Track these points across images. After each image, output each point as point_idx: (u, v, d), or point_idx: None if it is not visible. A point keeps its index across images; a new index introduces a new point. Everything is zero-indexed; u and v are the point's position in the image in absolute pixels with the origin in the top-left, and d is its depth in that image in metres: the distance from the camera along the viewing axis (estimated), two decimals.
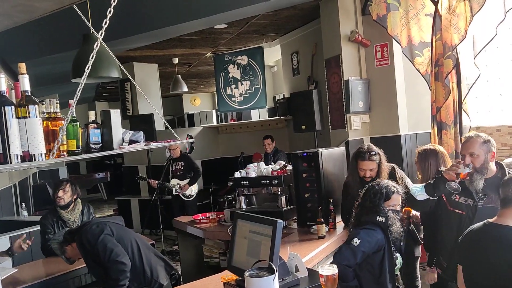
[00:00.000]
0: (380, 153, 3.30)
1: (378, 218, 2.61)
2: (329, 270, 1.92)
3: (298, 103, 6.11)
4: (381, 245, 2.58)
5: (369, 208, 2.68)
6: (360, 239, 2.52)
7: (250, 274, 1.76)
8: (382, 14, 4.88)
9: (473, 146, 2.56)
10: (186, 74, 10.38)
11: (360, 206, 2.77)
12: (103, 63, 2.99)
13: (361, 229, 2.61)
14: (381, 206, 2.65)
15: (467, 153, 2.56)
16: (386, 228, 2.60)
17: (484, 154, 2.55)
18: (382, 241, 2.58)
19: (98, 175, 12.45)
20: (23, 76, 1.61)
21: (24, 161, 1.46)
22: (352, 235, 2.62)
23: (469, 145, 2.57)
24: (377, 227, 2.61)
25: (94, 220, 3.24)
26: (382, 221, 2.60)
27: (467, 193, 2.61)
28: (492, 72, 4.35)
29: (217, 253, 4.03)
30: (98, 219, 3.23)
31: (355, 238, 2.53)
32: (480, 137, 2.59)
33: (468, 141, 2.61)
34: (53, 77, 7.21)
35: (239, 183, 3.85)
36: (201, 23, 5.26)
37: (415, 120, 5.06)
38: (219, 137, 9.15)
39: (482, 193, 2.56)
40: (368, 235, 2.56)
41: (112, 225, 3.04)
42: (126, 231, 3.15)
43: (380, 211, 2.64)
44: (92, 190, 13.30)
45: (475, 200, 2.55)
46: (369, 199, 2.71)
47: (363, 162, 3.26)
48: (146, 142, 2.63)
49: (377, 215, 2.63)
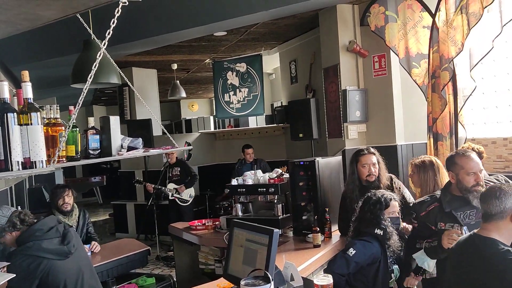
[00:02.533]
0: (377, 153, 3.33)
1: (377, 230, 2.62)
2: (324, 280, 1.94)
3: (296, 111, 6.14)
4: (376, 258, 2.59)
5: (369, 220, 2.68)
6: (355, 250, 2.54)
7: (246, 283, 1.77)
8: (380, 25, 4.93)
9: (479, 163, 2.58)
10: (185, 79, 10.41)
11: (360, 219, 2.77)
12: (103, 70, 3.01)
13: (358, 240, 2.62)
14: (381, 216, 2.65)
15: (479, 171, 2.55)
16: (384, 241, 2.61)
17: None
18: (378, 254, 2.60)
19: (94, 179, 12.44)
20: (26, 83, 1.63)
21: (25, 168, 1.48)
22: (348, 244, 2.64)
23: (477, 162, 2.57)
24: (374, 239, 2.62)
25: (37, 248, 2.41)
26: (380, 234, 2.61)
27: (451, 218, 2.62)
28: (488, 85, 4.40)
29: (212, 260, 4.03)
30: (43, 248, 2.40)
31: (351, 248, 2.55)
32: (474, 152, 2.62)
33: (473, 159, 2.58)
34: (51, 81, 7.21)
35: (236, 190, 3.87)
36: (201, 30, 5.29)
37: (412, 131, 5.10)
38: (216, 143, 9.17)
39: (470, 209, 2.58)
40: (364, 247, 2.57)
41: (52, 263, 2.40)
42: (66, 270, 2.47)
43: (380, 223, 2.64)
44: (87, 194, 13.27)
45: (461, 224, 2.56)
46: (369, 210, 2.70)
47: (364, 157, 3.26)
48: (145, 149, 2.65)
49: (375, 228, 2.63)
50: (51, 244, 2.44)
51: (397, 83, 5.11)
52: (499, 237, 2.08)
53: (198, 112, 14.56)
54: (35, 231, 2.43)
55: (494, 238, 2.08)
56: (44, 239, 2.43)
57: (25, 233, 2.43)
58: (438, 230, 2.65)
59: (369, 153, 3.28)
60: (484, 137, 4.44)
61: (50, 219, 2.58)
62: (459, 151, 2.68)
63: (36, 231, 2.43)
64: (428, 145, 4.54)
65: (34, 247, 2.38)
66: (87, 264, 2.68)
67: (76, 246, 2.57)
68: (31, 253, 2.37)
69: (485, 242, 2.10)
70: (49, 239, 2.45)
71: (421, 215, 2.76)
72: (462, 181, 2.57)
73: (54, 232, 2.49)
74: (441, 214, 2.65)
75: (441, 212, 2.65)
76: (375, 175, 3.24)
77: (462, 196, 2.59)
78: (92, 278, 2.67)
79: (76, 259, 2.55)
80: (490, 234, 2.11)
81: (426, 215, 2.73)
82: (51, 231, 2.48)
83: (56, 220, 2.61)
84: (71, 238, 2.53)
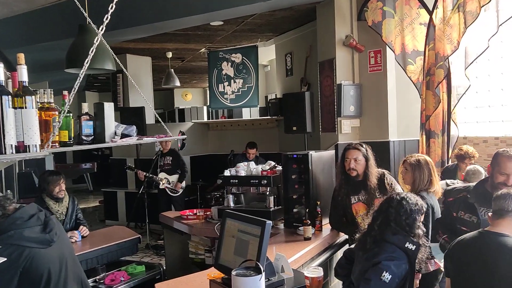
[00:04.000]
0: (369, 150, 3.32)
1: (408, 245, 2.25)
2: (315, 273, 1.95)
3: (290, 104, 6.14)
4: (405, 275, 2.27)
5: (402, 227, 2.29)
6: (391, 274, 2.18)
7: (237, 273, 1.78)
8: (378, 20, 4.93)
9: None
10: (179, 68, 10.35)
11: (392, 221, 2.33)
12: (98, 55, 2.98)
13: (391, 261, 2.23)
14: (416, 225, 2.31)
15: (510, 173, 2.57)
16: (415, 257, 2.27)
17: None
18: (406, 270, 2.26)
19: (84, 165, 12.36)
20: (22, 66, 1.61)
21: (18, 152, 1.46)
22: (382, 267, 2.22)
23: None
24: (404, 255, 2.25)
25: (18, 237, 2.35)
26: (411, 249, 2.25)
27: (472, 210, 2.67)
28: (482, 84, 4.43)
29: (202, 250, 4.03)
30: (27, 236, 2.36)
31: (386, 272, 2.18)
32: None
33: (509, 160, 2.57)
34: (43, 64, 7.13)
35: (229, 181, 3.87)
36: (197, 19, 5.26)
37: (405, 127, 5.12)
38: (209, 134, 9.15)
39: (487, 207, 2.57)
40: (398, 268, 2.22)
41: (34, 252, 2.35)
42: (49, 258, 2.42)
43: (412, 233, 2.30)
44: (78, 181, 13.20)
45: (479, 217, 2.60)
46: (406, 214, 2.30)
47: (349, 151, 3.27)
48: (138, 137, 2.63)
49: (407, 241, 2.26)
50: (33, 233, 2.40)
51: (392, 79, 5.12)
52: (511, 233, 2.14)
53: (192, 101, 14.49)
54: (15, 220, 2.39)
55: (507, 233, 2.14)
56: (25, 227, 2.38)
57: (5, 222, 2.39)
58: (457, 218, 2.72)
59: (354, 148, 3.28)
60: (476, 135, 4.48)
61: (30, 207, 2.53)
62: (505, 150, 2.63)
63: (17, 220, 2.39)
64: (420, 142, 4.58)
65: (15, 236, 2.33)
66: (70, 252, 2.65)
67: (59, 233, 2.53)
68: (13, 242, 2.33)
69: (497, 237, 2.14)
70: (30, 228, 2.40)
71: (448, 200, 2.81)
72: (493, 176, 2.63)
73: (35, 220, 2.45)
74: (465, 203, 2.71)
75: (466, 201, 2.71)
76: (356, 171, 3.24)
77: (491, 193, 2.62)
78: (75, 266, 2.65)
79: (59, 247, 2.52)
80: (503, 230, 2.16)
81: (452, 201, 2.79)
82: (32, 219, 2.43)
83: (37, 207, 2.56)
84: (53, 226, 2.50)
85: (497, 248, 2.14)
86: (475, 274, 2.20)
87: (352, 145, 3.35)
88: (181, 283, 2.50)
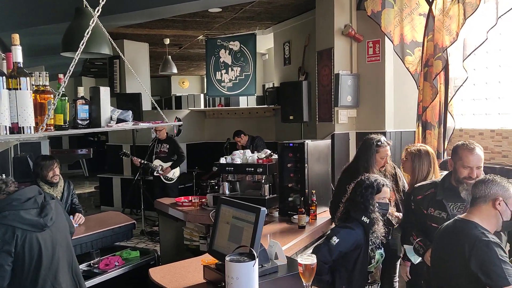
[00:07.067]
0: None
1: (363, 218, 2.61)
2: (308, 260, 1.96)
3: (287, 93, 6.12)
4: (359, 244, 2.60)
5: (359, 203, 2.66)
6: (339, 238, 2.54)
7: (231, 259, 1.79)
8: (377, 10, 4.89)
9: (482, 159, 2.60)
10: (177, 55, 10.28)
11: (350, 200, 2.74)
12: (95, 39, 2.94)
13: (342, 228, 2.63)
14: (371, 201, 2.65)
15: (476, 166, 2.57)
16: (369, 229, 2.61)
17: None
18: (361, 240, 2.60)
19: (80, 151, 12.33)
20: (16, 47, 1.59)
21: (12, 133, 1.45)
22: (333, 232, 2.64)
23: (477, 158, 2.58)
24: (359, 226, 2.62)
25: (12, 218, 2.37)
26: (366, 222, 2.61)
27: (440, 206, 2.67)
28: (480, 76, 4.42)
29: (197, 237, 4.05)
30: (16, 218, 2.35)
31: (334, 236, 2.56)
32: (479, 147, 2.62)
33: (474, 154, 2.58)
34: (39, 49, 7.06)
35: (224, 168, 3.87)
36: (196, 5, 5.20)
37: (401, 118, 5.12)
38: (206, 122, 9.13)
39: (460, 202, 2.61)
40: (348, 235, 2.58)
41: (27, 234, 2.37)
42: (42, 242, 2.43)
43: (368, 208, 2.63)
44: (73, 166, 13.17)
45: (448, 213, 2.60)
46: (361, 193, 2.68)
47: (384, 149, 3.28)
48: (134, 122, 2.62)
49: (363, 215, 2.62)
50: (28, 215, 2.41)
51: (390, 69, 5.11)
52: (480, 221, 2.16)
53: (189, 89, 14.43)
54: (12, 200, 2.39)
55: (475, 221, 2.17)
56: (21, 209, 2.39)
57: (1, 202, 2.40)
58: (427, 215, 2.73)
59: (388, 145, 3.32)
60: (472, 128, 4.48)
61: (29, 190, 2.53)
62: (465, 143, 2.65)
63: (13, 201, 2.39)
64: (417, 133, 4.57)
65: (10, 216, 2.35)
66: (64, 238, 2.65)
67: (54, 219, 2.53)
68: (6, 222, 2.34)
69: (466, 224, 2.18)
70: (26, 210, 2.41)
71: (417, 198, 2.82)
72: (457, 171, 2.63)
73: (32, 203, 2.45)
74: (434, 200, 2.71)
75: (434, 198, 2.71)
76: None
77: (457, 187, 2.63)
78: (69, 254, 2.66)
79: (53, 232, 2.53)
80: (472, 218, 2.19)
81: (421, 199, 2.79)
82: (29, 201, 2.44)
83: (37, 191, 2.55)
84: (49, 211, 2.50)
85: (456, 234, 2.20)
86: (448, 260, 2.25)
87: (384, 141, 3.31)
88: (175, 268, 2.51)
